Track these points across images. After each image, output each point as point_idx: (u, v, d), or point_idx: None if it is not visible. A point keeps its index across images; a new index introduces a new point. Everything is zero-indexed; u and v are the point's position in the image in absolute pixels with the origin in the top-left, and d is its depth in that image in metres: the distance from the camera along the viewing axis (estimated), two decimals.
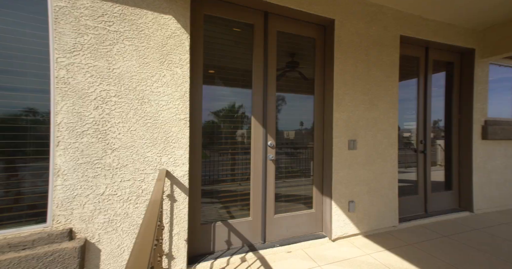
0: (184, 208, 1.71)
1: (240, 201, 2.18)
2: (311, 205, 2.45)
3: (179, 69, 1.71)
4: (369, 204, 2.54)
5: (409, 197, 2.99)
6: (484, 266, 1.93)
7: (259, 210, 2.20)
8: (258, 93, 2.21)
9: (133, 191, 1.52)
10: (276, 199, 2.30)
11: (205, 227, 1.97)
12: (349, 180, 2.43)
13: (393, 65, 2.67)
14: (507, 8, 2.62)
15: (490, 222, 2.88)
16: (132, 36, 1.55)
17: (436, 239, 2.42)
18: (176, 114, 1.71)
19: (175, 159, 1.69)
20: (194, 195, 1.93)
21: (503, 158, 3.42)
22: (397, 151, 2.72)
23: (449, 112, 3.31)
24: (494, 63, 3.42)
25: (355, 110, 2.48)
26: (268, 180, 2.23)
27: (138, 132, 1.57)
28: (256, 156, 2.19)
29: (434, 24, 2.89)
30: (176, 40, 1.69)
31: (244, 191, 2.19)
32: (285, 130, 2.42)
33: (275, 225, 2.25)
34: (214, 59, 2.10)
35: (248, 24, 2.19)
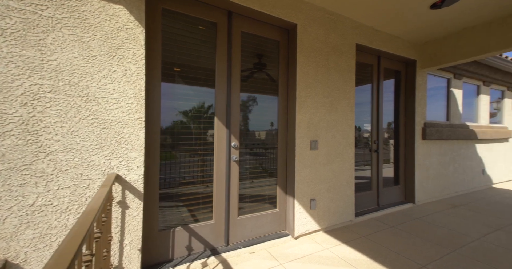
0: (138, 214, 1.58)
1: (202, 204, 2.11)
2: (275, 204, 2.50)
3: (132, 65, 1.58)
4: (329, 201, 2.69)
5: (364, 193, 3.26)
6: (420, 249, 2.19)
7: (222, 212, 2.15)
8: (222, 93, 2.17)
9: (74, 199, 1.35)
10: (241, 200, 2.28)
11: (163, 233, 1.86)
12: (311, 179, 2.54)
13: (350, 71, 2.88)
14: (438, 28, 3.03)
15: (427, 211, 3.29)
16: (73, 25, 1.37)
17: (385, 230, 2.67)
18: (129, 114, 1.57)
19: (127, 162, 1.55)
20: (150, 200, 1.80)
21: (438, 156, 3.95)
22: (354, 151, 2.93)
23: (397, 115, 3.70)
24: (431, 73, 3.93)
25: (317, 112, 2.60)
26: (232, 182, 2.21)
27: (82, 133, 1.40)
28: (219, 157, 2.15)
29: (384, 36, 3.20)
30: (129, 34, 1.56)
31: (207, 194, 2.13)
32: (251, 131, 2.42)
33: (239, 227, 2.23)
34: (175, 57, 2.00)
35: (211, 23, 2.14)
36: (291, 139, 2.48)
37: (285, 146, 2.55)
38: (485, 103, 4.93)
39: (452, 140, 4.15)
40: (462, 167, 4.36)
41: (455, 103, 4.34)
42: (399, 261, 2.02)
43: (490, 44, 2.85)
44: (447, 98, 4.29)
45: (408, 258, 2.08)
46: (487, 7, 2.58)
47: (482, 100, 4.89)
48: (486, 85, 4.90)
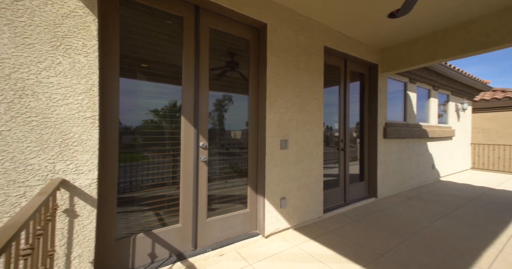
0: (90, 223, 1.42)
1: (168, 208, 2.00)
2: (246, 204, 2.47)
3: (83, 57, 1.41)
4: (299, 199, 2.75)
5: (332, 190, 3.41)
6: (379, 240, 2.36)
7: (189, 215, 2.06)
8: (189, 91, 2.07)
9: (4, 210, 1.16)
10: (210, 202, 2.21)
11: (122, 242, 1.71)
12: (281, 178, 2.57)
13: (319, 72, 2.98)
14: (395, 36, 3.30)
15: (387, 204, 3.57)
16: (0, 5, 1.17)
17: (350, 224, 2.83)
18: (79, 112, 1.41)
19: (77, 166, 1.39)
20: (106, 206, 1.64)
21: (397, 153, 4.31)
22: (323, 150, 3.05)
23: (362, 116, 3.94)
24: (391, 77, 4.28)
25: (287, 112, 2.64)
26: (200, 183, 2.13)
27: (15, 133, 1.21)
28: (186, 157, 2.05)
29: (350, 40, 3.38)
30: (77, 22, 1.39)
31: (173, 196, 2.01)
32: (222, 130, 2.36)
33: (208, 229, 2.16)
34: (138, 51, 1.85)
35: (177, 17, 2.02)
36: (262, 138, 2.48)
37: (255, 146, 2.54)
38: (434, 105, 5.53)
39: (408, 138, 4.56)
40: (416, 163, 4.83)
41: (410, 105, 4.79)
42: (360, 253, 2.15)
43: (437, 53, 3.19)
44: (404, 100, 4.70)
45: (369, 249, 2.21)
46: (434, 20, 2.87)
47: (432, 103, 5.47)
48: (435, 90, 5.50)
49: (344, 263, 1.99)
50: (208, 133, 2.18)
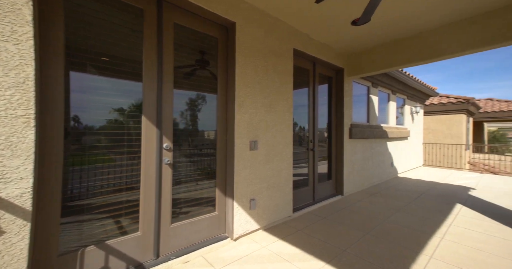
0: (21, 240, 1.22)
1: (126, 215, 1.83)
2: (215, 207, 2.39)
3: (12, 45, 1.20)
4: (269, 199, 2.76)
5: (302, 189, 3.49)
6: (343, 236, 2.48)
7: (151, 222, 1.91)
8: (151, 88, 1.92)
9: None
10: (175, 206, 2.09)
11: (66, 258, 1.51)
12: (251, 179, 2.54)
13: (288, 74, 3.02)
14: (359, 43, 3.52)
15: (352, 201, 3.79)
16: None
17: (318, 222, 2.92)
18: (7, 109, 1.19)
19: (3, 173, 1.17)
20: (46, 217, 1.43)
21: (361, 152, 4.60)
22: (292, 150, 3.10)
23: (330, 117, 4.12)
24: (356, 81, 4.55)
25: (257, 112, 2.62)
26: (164, 187, 1.99)
27: None
28: (147, 160, 1.90)
29: (318, 44, 3.50)
30: (3, 2, 1.18)
31: (132, 202, 1.85)
32: (189, 131, 2.24)
33: (172, 236, 2.04)
34: (91, 43, 1.66)
35: (136, 8, 1.87)
36: (231, 139, 2.42)
37: (224, 147, 2.47)
38: (393, 108, 6.04)
39: (371, 139, 4.90)
40: (378, 161, 5.21)
41: (373, 108, 5.15)
42: (326, 249, 2.22)
43: (394, 60, 3.47)
44: (367, 103, 5.04)
45: (333, 245, 2.30)
46: (391, 30, 3.12)
47: (391, 106, 5.97)
48: (393, 94, 6.01)
49: (310, 260, 2.03)
50: (173, 134, 2.06)
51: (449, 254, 2.16)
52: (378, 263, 1.99)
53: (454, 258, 2.09)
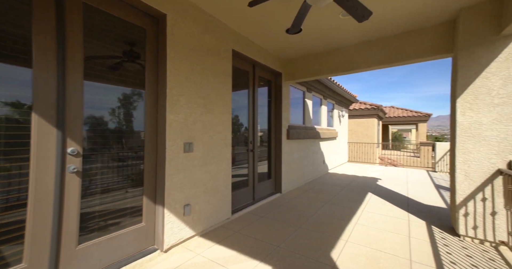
0: None
1: (5, 243, 1.40)
2: (141, 217, 2.13)
3: None
4: (206, 203, 2.65)
5: (242, 190, 3.52)
6: (279, 232, 2.62)
7: (45, 247, 1.53)
8: (48, 77, 1.55)
9: None
10: (86, 222, 1.74)
11: None
12: (185, 183, 2.38)
13: (227, 74, 2.99)
14: (294, 50, 3.83)
15: (289, 198, 4.06)
16: None
17: (256, 221, 2.99)
18: None
19: None
20: None
21: (297, 152, 5.01)
22: (231, 151, 3.08)
23: (270, 119, 4.31)
24: (293, 85, 4.92)
25: (192, 113, 2.48)
26: (67, 201, 1.63)
27: None
28: (41, 169, 1.52)
29: (258, 48, 3.61)
30: None
31: (12, 226, 1.44)
32: (110, 132, 1.91)
33: (80, 259, 1.69)
34: None
35: None
36: (162, 141, 2.21)
37: (154, 149, 2.23)
38: (324, 112, 6.84)
39: (306, 139, 5.40)
40: (312, 160, 5.79)
41: (308, 111, 5.69)
42: (261, 248, 2.28)
43: (322, 69, 3.91)
44: (303, 106, 5.53)
45: (269, 243, 2.39)
46: (318, 41, 3.51)
47: (323, 109, 6.74)
48: (325, 99, 6.81)
49: (244, 261, 2.04)
50: (84, 136, 1.71)
51: (361, 236, 2.55)
52: (306, 254, 2.17)
53: (364, 239, 2.48)
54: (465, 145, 2.47)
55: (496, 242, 2.33)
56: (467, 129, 2.46)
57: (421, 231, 2.69)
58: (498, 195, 2.32)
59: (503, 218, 2.29)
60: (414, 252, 2.20)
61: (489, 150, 2.36)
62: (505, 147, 2.30)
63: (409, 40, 3.07)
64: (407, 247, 2.30)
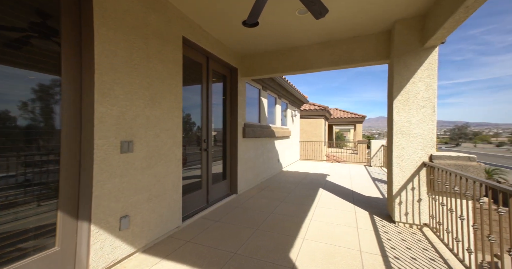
0: None
1: None
2: (54, 240, 1.62)
3: None
4: (150, 212, 2.26)
5: (194, 193, 3.20)
6: (236, 236, 2.45)
7: None
8: None
9: None
10: None
11: None
12: (123, 190, 1.96)
13: (177, 64, 2.64)
14: (251, 46, 3.72)
15: (245, 199, 3.93)
16: None
17: (211, 227, 2.74)
18: None
19: None
20: None
21: (253, 150, 4.93)
22: (182, 151, 2.74)
23: (225, 116, 4.08)
24: (248, 83, 4.82)
25: (132, 106, 2.07)
26: None
27: None
28: None
29: (211, 39, 3.34)
30: None
31: None
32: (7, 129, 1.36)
33: None
34: None
35: None
36: (88, 139, 1.74)
37: (77, 150, 1.75)
38: (279, 111, 7.00)
39: (262, 138, 5.38)
40: (267, 158, 5.82)
41: (263, 109, 5.69)
42: (216, 257, 2.06)
43: (278, 68, 3.92)
44: (258, 104, 5.50)
45: (225, 250, 2.19)
46: (276, 39, 3.49)
47: (277, 108, 6.89)
48: (279, 98, 6.98)
49: None
50: None
51: (316, 232, 2.60)
52: (265, 257, 2.06)
53: (319, 235, 2.54)
54: (399, 141, 2.80)
55: (421, 225, 2.71)
56: (401, 128, 2.79)
57: (366, 221, 2.93)
58: (422, 184, 2.70)
59: (426, 204, 2.68)
60: (362, 243, 2.35)
61: (417, 146, 2.73)
62: (427, 143, 2.69)
63: (356, 45, 3.33)
64: (356, 239, 2.44)
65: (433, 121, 2.66)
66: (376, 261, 2.01)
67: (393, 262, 1.99)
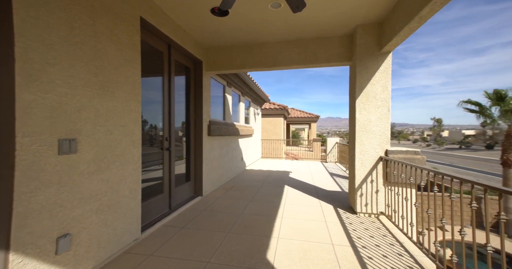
0: None
1: None
2: None
3: None
4: (101, 225, 1.85)
5: (155, 198, 2.81)
6: (206, 243, 2.22)
7: None
8: None
9: None
10: None
11: None
12: (61, 202, 1.53)
13: (134, 48, 2.24)
14: (218, 38, 3.49)
15: (212, 200, 3.69)
16: None
17: (176, 235, 2.44)
18: None
19: None
20: None
21: (218, 149, 4.69)
22: (141, 150, 2.35)
23: (188, 113, 3.73)
24: (213, 78, 4.55)
25: (75, 94, 1.63)
26: None
27: None
28: None
29: (174, 25, 2.98)
30: None
31: None
32: None
33: None
34: None
35: None
36: (6, 137, 1.28)
37: None
38: (242, 108, 6.89)
39: (226, 136, 5.17)
40: (232, 157, 5.64)
41: (228, 106, 5.48)
42: None
43: (247, 62, 3.80)
44: (223, 101, 5.26)
45: (196, 260, 1.96)
46: (247, 33, 3.35)
47: (241, 106, 6.77)
48: (243, 96, 6.86)
49: None
50: None
51: (288, 230, 2.59)
52: (241, 263, 1.91)
53: (292, 232, 2.53)
54: (361, 138, 3.03)
55: (378, 213, 3.00)
56: (362, 125, 3.03)
57: (332, 214, 3.08)
58: (379, 177, 2.99)
59: (382, 194, 2.97)
60: (333, 236, 2.44)
61: (375, 142, 2.99)
62: (383, 139, 2.98)
63: (322, 45, 3.46)
64: (327, 232, 2.53)
65: (388, 120, 2.97)
66: (348, 252, 2.10)
67: (362, 252, 2.11)
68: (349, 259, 1.99)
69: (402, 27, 2.34)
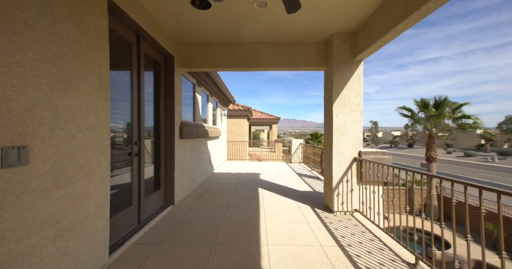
0: None
1: None
2: None
3: None
4: (60, 256, 1.45)
5: (122, 213, 2.39)
6: (189, 259, 1.99)
7: None
8: None
9: None
10: None
11: None
12: (3, 233, 1.13)
13: (101, 34, 1.85)
14: (194, 33, 3.23)
15: (186, 209, 3.37)
16: None
17: (153, 254, 2.11)
18: None
19: None
20: None
21: (189, 153, 4.35)
22: (109, 158, 1.95)
23: (158, 113, 3.33)
24: (184, 75, 4.20)
25: (26, 87, 1.23)
26: None
27: None
28: None
29: (145, 12, 2.62)
30: None
31: None
32: None
33: None
34: None
35: None
36: None
37: None
38: (211, 109, 6.59)
39: (196, 138, 4.84)
40: (201, 160, 5.31)
41: (198, 107, 5.14)
42: None
43: (224, 61, 3.62)
44: (193, 101, 4.91)
45: None
46: (226, 29, 3.19)
47: (209, 106, 6.46)
48: (211, 96, 6.57)
49: None
50: None
51: (275, 235, 2.54)
52: None
53: (280, 237, 2.49)
54: (337, 140, 3.22)
55: (352, 211, 3.23)
56: (338, 128, 3.22)
57: (311, 215, 3.18)
58: (354, 176, 3.23)
59: (357, 192, 3.22)
60: (319, 237, 2.50)
61: (350, 144, 3.23)
62: (357, 141, 3.24)
63: (300, 49, 3.56)
64: (312, 234, 2.57)
65: (361, 123, 3.24)
66: (337, 253, 2.18)
67: (349, 250, 2.22)
68: (341, 259, 2.06)
69: (377, 38, 2.56)
